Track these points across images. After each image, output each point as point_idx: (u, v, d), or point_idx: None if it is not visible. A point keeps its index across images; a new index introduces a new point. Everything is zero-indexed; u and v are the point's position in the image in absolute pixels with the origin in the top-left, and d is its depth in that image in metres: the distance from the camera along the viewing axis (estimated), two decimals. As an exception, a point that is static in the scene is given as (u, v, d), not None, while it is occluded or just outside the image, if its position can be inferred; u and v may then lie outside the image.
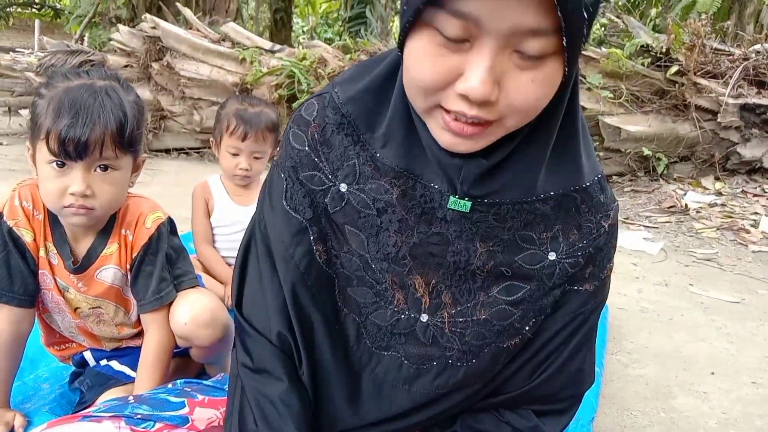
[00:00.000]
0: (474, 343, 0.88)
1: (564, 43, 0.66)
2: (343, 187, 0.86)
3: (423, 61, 0.70)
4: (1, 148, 4.97)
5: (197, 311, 1.33)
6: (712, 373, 2.02)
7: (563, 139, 0.82)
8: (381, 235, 0.86)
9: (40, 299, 1.35)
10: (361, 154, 0.85)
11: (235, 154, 2.06)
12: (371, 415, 0.94)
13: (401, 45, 0.73)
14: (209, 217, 2.14)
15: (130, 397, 1.06)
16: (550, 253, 0.86)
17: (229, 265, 2.10)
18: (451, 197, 0.82)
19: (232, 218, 2.12)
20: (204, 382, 1.16)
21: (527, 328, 0.89)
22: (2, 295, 1.27)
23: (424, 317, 0.88)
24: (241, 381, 0.92)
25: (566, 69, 0.70)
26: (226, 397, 1.07)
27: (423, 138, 0.80)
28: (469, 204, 0.82)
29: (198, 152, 5.22)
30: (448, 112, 0.72)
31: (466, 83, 0.68)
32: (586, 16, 0.65)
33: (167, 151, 5.14)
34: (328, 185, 0.87)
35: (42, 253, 1.30)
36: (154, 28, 5.21)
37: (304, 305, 0.89)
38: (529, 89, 0.69)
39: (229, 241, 2.13)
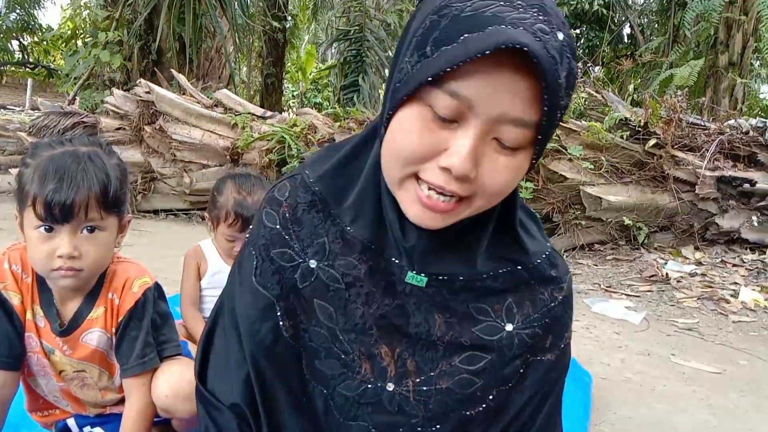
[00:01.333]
0: (438, 410, 0.91)
1: (538, 136, 0.73)
2: (313, 263, 0.90)
3: (410, 133, 0.75)
4: (-12, 207, 4.97)
5: (179, 384, 1.31)
6: (694, 445, 2.02)
7: (502, 223, 0.89)
8: (349, 308, 0.90)
9: (25, 362, 1.35)
10: (331, 230, 0.90)
11: (232, 240, 2.10)
12: None
13: (389, 116, 0.78)
14: (200, 281, 2.16)
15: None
16: (506, 325, 0.90)
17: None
18: (409, 272, 0.87)
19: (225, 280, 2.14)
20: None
21: (491, 397, 0.92)
22: (-12, 359, 1.28)
23: (390, 386, 0.91)
24: None
25: (533, 161, 0.76)
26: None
27: (387, 214, 0.86)
28: (425, 279, 0.88)
29: (186, 214, 5.25)
30: (422, 184, 0.77)
31: (451, 158, 0.73)
32: (560, 116, 0.72)
33: (155, 212, 5.17)
34: (298, 262, 0.91)
35: (29, 316, 1.31)
36: (148, 92, 5.32)
37: (268, 378, 0.92)
38: (502, 174, 0.76)
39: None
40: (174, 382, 1.32)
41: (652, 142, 4.57)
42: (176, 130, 5.08)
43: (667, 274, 4.09)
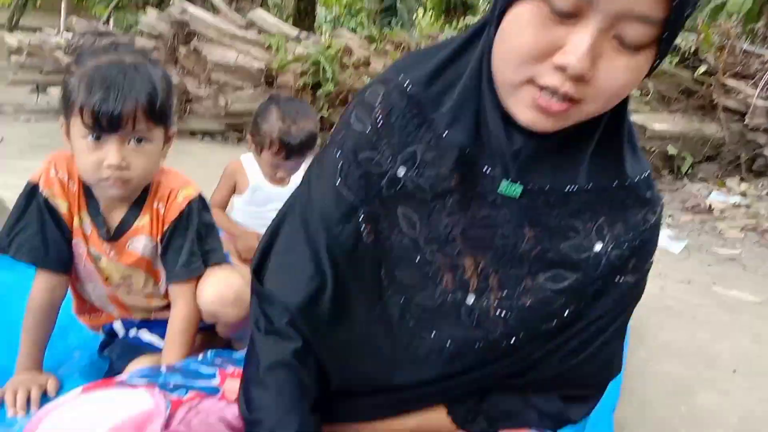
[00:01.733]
0: (515, 326, 0.89)
1: (663, 35, 0.68)
2: (401, 172, 0.86)
3: (526, 29, 0.71)
4: (31, 125, 5.03)
5: (224, 290, 1.34)
6: (735, 372, 2.00)
7: (608, 135, 0.84)
8: (433, 218, 0.86)
9: (73, 268, 1.37)
10: (425, 136, 0.85)
11: (275, 167, 2.08)
12: (399, 380, 0.95)
13: (501, 14, 0.74)
14: (231, 194, 2.16)
15: (163, 367, 1.07)
16: (596, 244, 0.87)
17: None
18: (503, 181, 0.83)
19: (266, 197, 2.14)
20: (234, 355, 1.17)
21: (566, 314, 0.90)
22: (38, 263, 1.30)
23: (470, 299, 0.89)
24: (256, 338, 0.92)
25: (656, 61, 0.71)
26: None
27: (489, 118, 0.81)
28: (519, 189, 0.83)
29: (222, 135, 5.25)
30: (539, 89, 0.73)
31: (567, 56, 0.69)
32: (690, 11, 0.66)
33: (192, 133, 5.18)
34: (385, 168, 0.87)
35: (76, 222, 1.32)
36: (182, 12, 5.24)
37: (345, 283, 0.89)
38: (621, 75, 0.71)
39: (260, 218, 2.14)
40: (220, 287, 1.33)
41: (702, 69, 4.38)
42: (211, 51, 5.01)
43: (710, 205, 3.99)
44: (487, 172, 0.84)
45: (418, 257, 0.88)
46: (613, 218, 0.87)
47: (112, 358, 1.44)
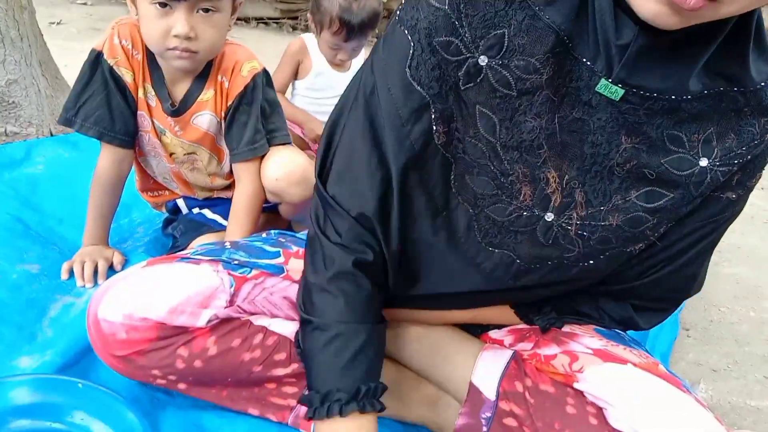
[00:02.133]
0: (597, 246, 0.82)
1: None
2: (483, 60, 0.74)
3: None
4: (87, 8, 4.98)
5: (290, 168, 1.32)
6: (808, 279, 1.92)
7: (733, 35, 0.71)
8: (516, 120, 0.76)
9: (137, 142, 1.35)
10: (517, 15, 0.72)
11: (336, 48, 1.99)
12: (461, 289, 0.91)
13: None
14: (293, 77, 2.09)
15: (227, 243, 1.06)
16: (701, 159, 0.76)
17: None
18: (603, 80, 0.72)
19: (327, 83, 2.07)
20: (297, 235, 1.16)
21: (656, 234, 0.82)
22: (104, 135, 1.28)
23: (549, 216, 0.81)
24: (319, 243, 0.86)
25: None
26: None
27: (597, 3, 0.69)
28: (621, 92, 0.72)
29: (276, 22, 5.11)
30: None
31: None
32: None
33: (246, 19, 5.05)
34: (465, 56, 0.75)
35: (141, 93, 1.29)
36: None
37: (408, 186, 0.81)
38: None
39: (319, 105, 2.09)
40: (284, 166, 1.31)
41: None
42: (266, -70, 4.79)
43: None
44: (588, 65, 0.72)
45: (495, 165, 0.79)
46: (725, 130, 0.76)
47: (175, 235, 1.45)
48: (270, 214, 1.49)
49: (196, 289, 0.93)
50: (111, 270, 1.33)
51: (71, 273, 1.31)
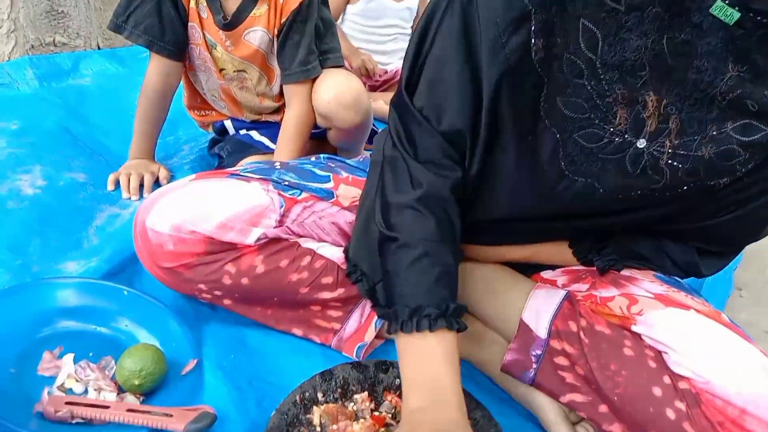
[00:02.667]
0: (684, 178, 0.76)
1: None
2: None
3: None
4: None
5: (342, 91, 1.28)
6: None
7: None
8: (621, 37, 0.70)
9: (187, 55, 1.32)
10: None
11: None
12: (535, 214, 0.87)
13: None
14: (346, 2, 2.02)
15: (276, 163, 1.03)
16: None
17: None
18: (719, 1, 0.66)
19: (380, 11, 2.00)
20: (347, 161, 1.12)
21: (744, 170, 0.76)
22: (153, 44, 1.25)
23: (641, 143, 0.75)
24: (403, 162, 0.82)
25: None
26: (367, 179, 1.03)
27: None
28: (737, 15, 0.66)
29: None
30: None
31: None
32: None
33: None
34: None
35: (192, 4, 1.25)
36: None
37: (500, 106, 0.76)
38: None
39: (366, 35, 2.02)
40: (337, 88, 1.27)
41: None
42: None
43: None
44: None
45: (592, 85, 0.73)
46: None
47: (221, 155, 1.43)
48: (317, 141, 1.45)
49: (245, 206, 0.91)
50: (156, 184, 1.32)
51: (117, 184, 1.30)
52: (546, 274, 1.02)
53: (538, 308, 0.93)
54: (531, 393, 0.94)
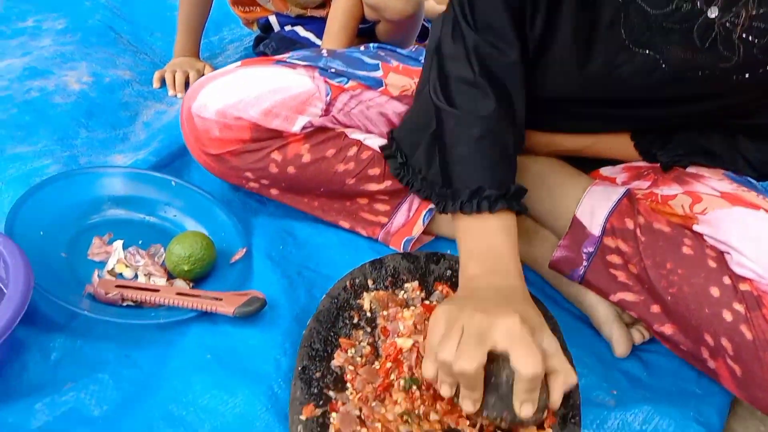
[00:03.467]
0: (759, 57, 0.68)
1: None
2: None
3: None
4: None
5: None
6: None
7: None
8: None
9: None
10: None
11: None
12: (590, 96, 0.81)
13: None
14: None
15: (324, 51, 0.99)
16: None
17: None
18: None
19: None
20: (398, 50, 1.06)
21: None
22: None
23: (713, 12, 0.67)
24: (461, 36, 0.76)
25: None
26: (420, 68, 0.97)
27: None
28: None
29: None
30: None
31: None
32: None
33: None
34: None
35: None
36: None
37: None
38: None
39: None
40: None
41: None
42: None
43: None
44: None
45: None
46: None
47: (267, 52, 1.39)
48: (366, 38, 1.39)
49: (291, 93, 0.88)
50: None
51: (163, 82, 1.28)
52: (605, 171, 0.96)
53: (594, 205, 0.88)
54: (582, 292, 0.91)
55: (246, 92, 0.87)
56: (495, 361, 0.59)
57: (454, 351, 0.59)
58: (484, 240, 0.71)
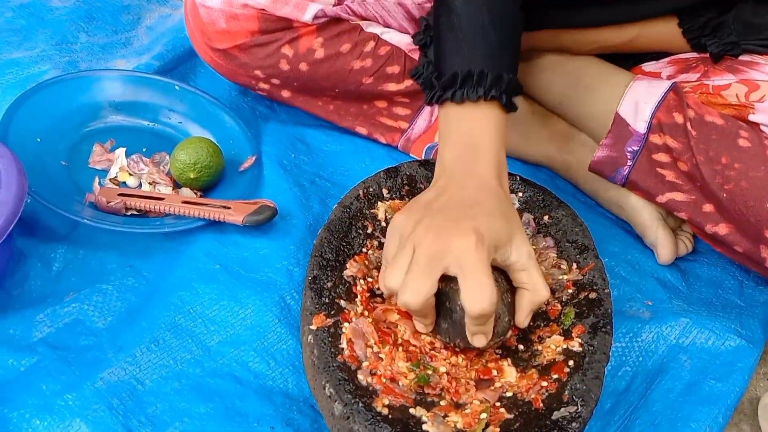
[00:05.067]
0: None
1: None
2: None
3: None
4: None
5: None
6: None
7: None
8: None
9: None
10: None
11: None
12: None
13: None
14: None
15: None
16: None
17: None
18: None
19: None
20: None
21: None
22: None
23: None
24: None
25: None
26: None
27: None
28: None
29: None
30: None
31: None
32: None
33: None
34: None
35: None
36: None
37: None
38: None
39: None
40: None
41: None
42: None
43: None
44: None
45: None
46: None
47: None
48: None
49: None
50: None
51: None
52: (648, 67, 0.88)
53: (637, 100, 0.80)
54: (624, 195, 0.84)
55: None
56: (450, 283, 0.56)
57: (402, 277, 0.55)
58: (468, 127, 0.64)
